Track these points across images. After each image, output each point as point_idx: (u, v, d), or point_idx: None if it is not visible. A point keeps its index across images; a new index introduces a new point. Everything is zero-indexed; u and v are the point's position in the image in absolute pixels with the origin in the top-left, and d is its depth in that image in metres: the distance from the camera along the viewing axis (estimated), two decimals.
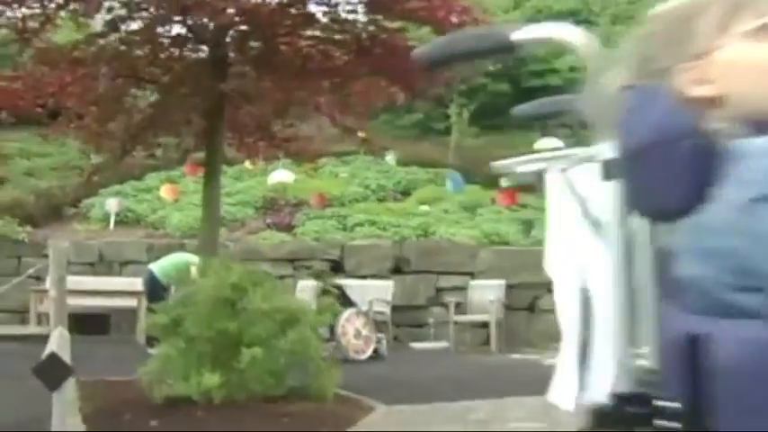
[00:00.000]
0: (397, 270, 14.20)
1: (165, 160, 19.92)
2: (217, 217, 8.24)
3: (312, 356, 6.75)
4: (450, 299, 13.49)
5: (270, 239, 15.21)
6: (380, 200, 17.34)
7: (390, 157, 18.03)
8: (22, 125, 24.03)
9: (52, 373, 4.53)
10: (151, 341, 11.58)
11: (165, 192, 16.83)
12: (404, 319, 13.76)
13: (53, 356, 4.59)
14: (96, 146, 9.00)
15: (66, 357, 5.41)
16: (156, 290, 11.73)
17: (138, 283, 14.20)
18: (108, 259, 15.14)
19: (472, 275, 13.82)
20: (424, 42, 2.65)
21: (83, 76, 8.85)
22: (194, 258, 11.28)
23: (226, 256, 10.93)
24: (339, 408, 6.94)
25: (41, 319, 13.89)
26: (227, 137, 9.20)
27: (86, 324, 13.90)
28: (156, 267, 11.85)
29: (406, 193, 17.85)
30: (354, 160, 19.39)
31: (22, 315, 14.86)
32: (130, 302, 13.98)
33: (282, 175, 18.26)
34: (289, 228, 15.91)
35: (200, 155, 20.67)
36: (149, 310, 11.15)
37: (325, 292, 10.57)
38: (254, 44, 9.34)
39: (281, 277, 14.45)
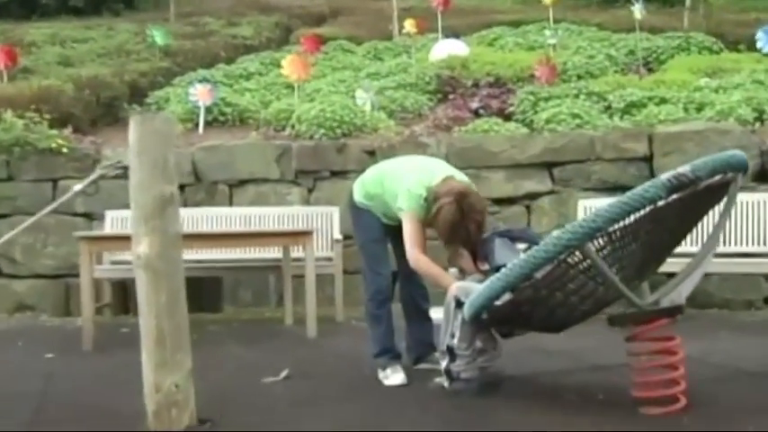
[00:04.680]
0: (761, 177, 6.96)
1: (260, 39, 12.74)
2: None
3: None
4: None
5: (492, 132, 7.86)
6: (623, 72, 9.93)
7: (639, 7, 10.50)
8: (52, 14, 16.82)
9: None
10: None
11: (288, 66, 9.37)
12: None
13: None
14: None
15: None
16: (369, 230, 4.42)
17: (275, 216, 7.04)
18: (207, 178, 7.84)
19: None
20: None
21: None
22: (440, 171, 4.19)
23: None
24: None
25: (100, 293, 6.71)
26: None
27: None
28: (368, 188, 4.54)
29: (647, 66, 10.40)
30: (539, 30, 11.93)
31: (63, 282, 7.64)
32: (266, 252, 6.79)
33: (453, 45, 10.91)
34: (503, 114, 8.58)
35: (317, 30, 13.40)
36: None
37: None
38: None
39: (552, 192, 7.33)
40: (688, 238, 3.97)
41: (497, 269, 3.56)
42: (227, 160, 7.92)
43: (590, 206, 6.91)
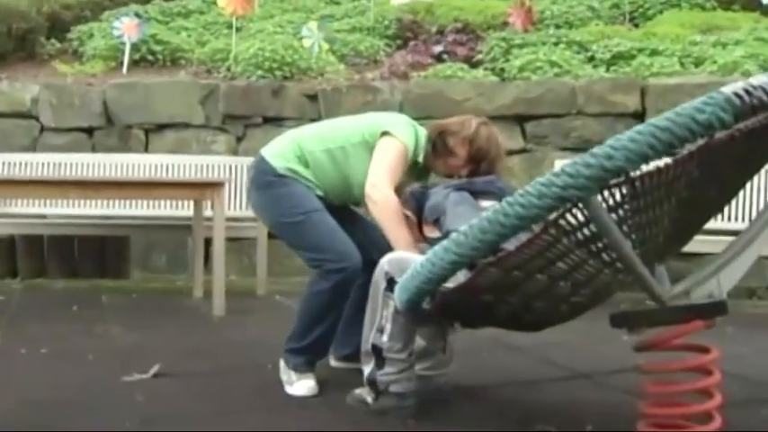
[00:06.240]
0: None
1: None
2: None
3: None
4: None
5: (455, 78, 6.61)
6: (609, 23, 8.67)
7: None
8: None
9: None
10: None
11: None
12: None
13: None
14: None
15: None
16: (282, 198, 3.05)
17: (194, 166, 5.75)
18: (121, 121, 6.52)
19: None
20: None
21: None
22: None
23: None
24: None
25: None
26: None
27: (63, 253, 5.83)
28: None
29: (633, 21, 9.15)
30: None
31: None
32: (178, 209, 5.50)
33: None
34: (471, 62, 7.32)
35: None
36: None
37: None
38: None
39: (523, 151, 6.12)
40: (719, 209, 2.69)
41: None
42: (143, 101, 6.60)
43: None
